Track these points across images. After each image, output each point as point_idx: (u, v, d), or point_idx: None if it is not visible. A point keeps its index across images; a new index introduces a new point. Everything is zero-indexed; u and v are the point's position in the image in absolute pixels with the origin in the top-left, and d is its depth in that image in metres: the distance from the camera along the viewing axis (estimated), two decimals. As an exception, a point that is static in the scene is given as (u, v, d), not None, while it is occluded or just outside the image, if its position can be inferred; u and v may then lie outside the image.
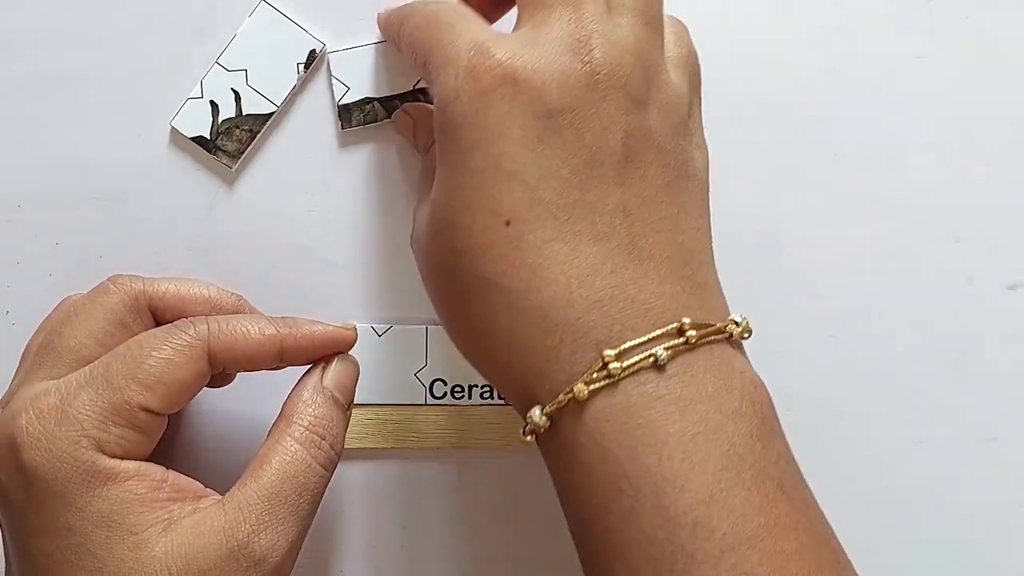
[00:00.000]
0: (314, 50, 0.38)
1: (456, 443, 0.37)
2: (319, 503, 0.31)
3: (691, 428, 0.26)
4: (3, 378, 0.35)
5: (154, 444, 0.30)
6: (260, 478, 0.30)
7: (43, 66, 0.38)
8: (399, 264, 0.38)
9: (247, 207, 0.38)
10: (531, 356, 0.27)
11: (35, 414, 0.29)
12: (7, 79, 0.38)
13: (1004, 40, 0.39)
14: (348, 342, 0.33)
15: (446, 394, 0.37)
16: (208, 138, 0.37)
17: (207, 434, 0.37)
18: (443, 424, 0.37)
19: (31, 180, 0.38)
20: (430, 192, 0.30)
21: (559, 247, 0.27)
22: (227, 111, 0.37)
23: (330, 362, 0.33)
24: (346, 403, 0.33)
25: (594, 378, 0.26)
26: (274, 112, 0.38)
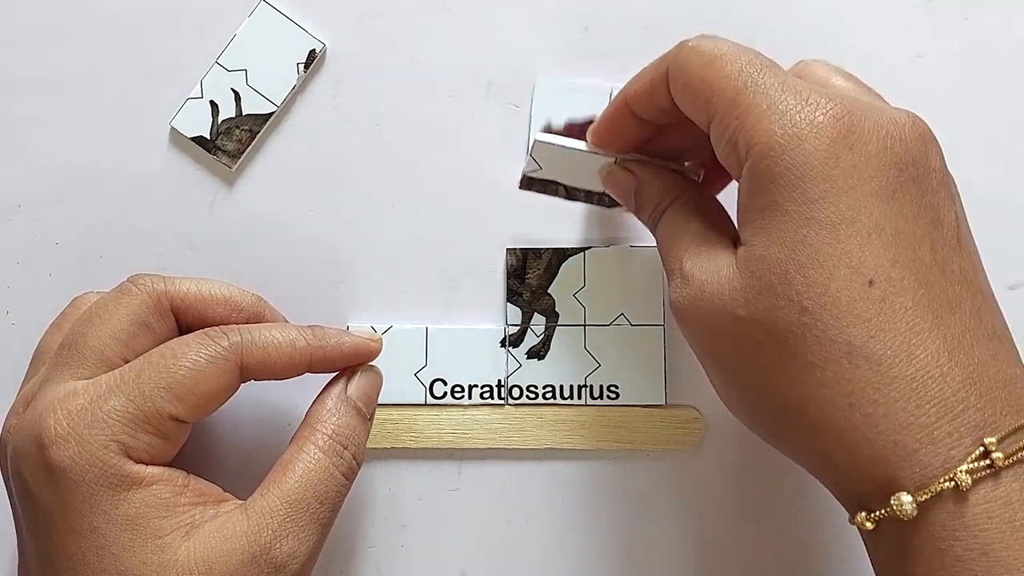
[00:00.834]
0: (314, 50, 0.38)
1: (456, 443, 0.37)
2: (338, 512, 0.31)
3: None
4: (3, 377, 0.35)
5: (177, 450, 0.31)
6: (283, 484, 0.30)
7: (43, 66, 0.38)
8: (399, 264, 0.38)
9: (247, 207, 0.38)
10: (900, 433, 0.25)
11: (63, 414, 0.29)
12: (7, 79, 0.38)
13: (1004, 40, 0.39)
14: (374, 353, 0.33)
15: (446, 394, 0.37)
16: (208, 138, 0.37)
17: (219, 437, 0.37)
18: (443, 424, 0.37)
19: (31, 180, 0.38)
20: (702, 245, 0.29)
21: (924, 313, 0.26)
22: (227, 111, 0.37)
23: (355, 372, 0.33)
24: (369, 413, 0.33)
25: (977, 467, 0.25)
26: (274, 112, 0.38)
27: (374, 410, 0.33)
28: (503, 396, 0.37)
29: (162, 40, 0.38)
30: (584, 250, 0.37)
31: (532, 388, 0.37)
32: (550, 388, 0.37)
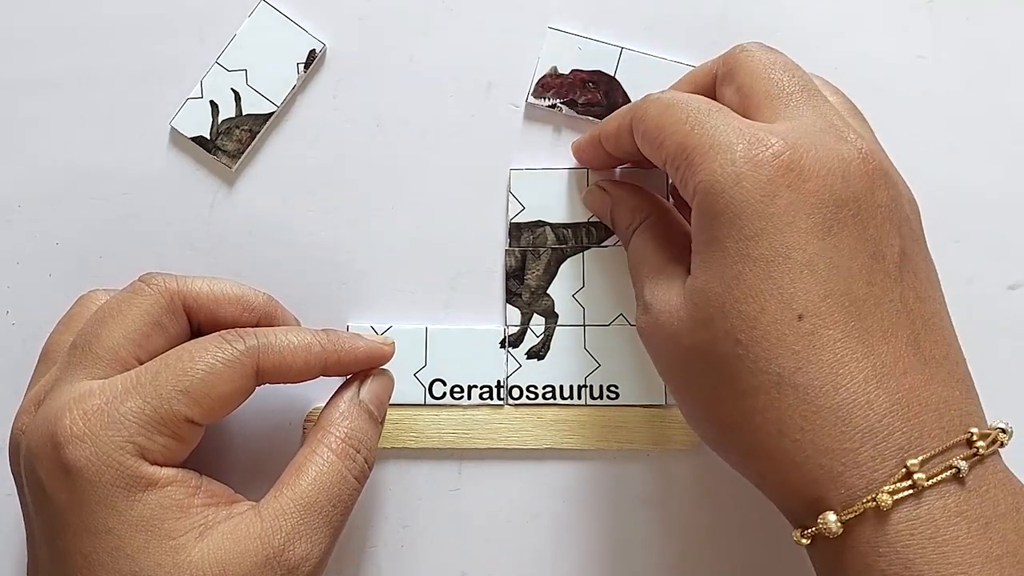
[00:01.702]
0: (314, 50, 0.38)
1: (455, 443, 0.37)
2: (349, 515, 0.31)
3: (995, 549, 0.25)
4: (3, 377, 0.35)
5: (190, 451, 0.31)
6: (296, 487, 0.30)
7: (43, 66, 0.38)
8: (399, 264, 0.38)
9: (247, 207, 0.38)
10: (826, 458, 0.26)
11: (80, 414, 0.29)
12: (7, 79, 0.38)
13: (1004, 40, 0.39)
14: (387, 356, 0.33)
15: (445, 394, 0.37)
16: (208, 138, 0.37)
17: (226, 437, 0.37)
18: (442, 424, 0.37)
19: (31, 180, 0.38)
20: (660, 275, 0.31)
21: (853, 344, 0.27)
22: (227, 111, 0.37)
23: (367, 375, 0.33)
24: (380, 417, 0.33)
25: (898, 487, 0.26)
26: (274, 112, 0.38)
27: (385, 414, 0.34)
28: (502, 397, 0.37)
29: (162, 40, 0.38)
30: (583, 251, 0.37)
31: (532, 388, 0.37)
32: (550, 388, 0.37)
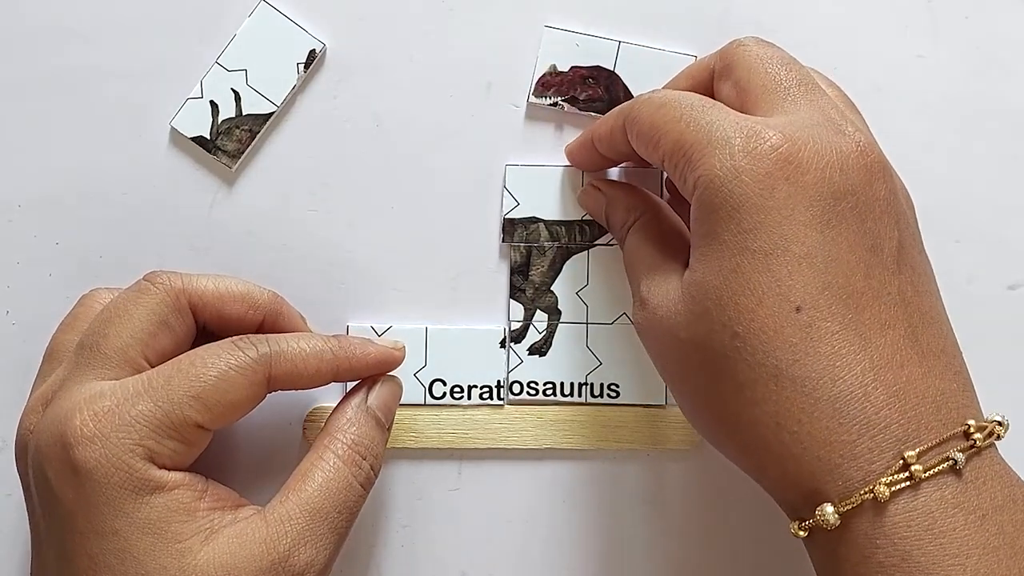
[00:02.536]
0: (314, 50, 0.38)
1: (455, 443, 0.37)
2: (354, 522, 0.31)
3: (992, 540, 0.26)
4: (3, 377, 0.35)
5: (197, 455, 0.31)
6: (302, 493, 0.30)
7: (43, 66, 0.38)
8: (399, 264, 0.38)
9: (247, 207, 0.38)
10: (824, 450, 0.26)
11: (90, 415, 0.29)
12: (7, 79, 0.38)
13: (1004, 40, 0.39)
14: (398, 362, 0.33)
15: (445, 394, 0.37)
16: (208, 138, 0.37)
17: (227, 436, 0.37)
18: (442, 424, 0.37)
19: (31, 180, 0.38)
20: (656, 271, 0.31)
21: (851, 336, 0.27)
22: (227, 111, 0.37)
23: (375, 381, 0.33)
24: (388, 424, 0.33)
25: (896, 479, 0.26)
26: (274, 112, 0.38)
27: (392, 420, 0.34)
28: (502, 396, 0.37)
29: (162, 40, 0.38)
30: (588, 248, 0.37)
31: (532, 384, 0.37)
32: (550, 385, 0.37)
